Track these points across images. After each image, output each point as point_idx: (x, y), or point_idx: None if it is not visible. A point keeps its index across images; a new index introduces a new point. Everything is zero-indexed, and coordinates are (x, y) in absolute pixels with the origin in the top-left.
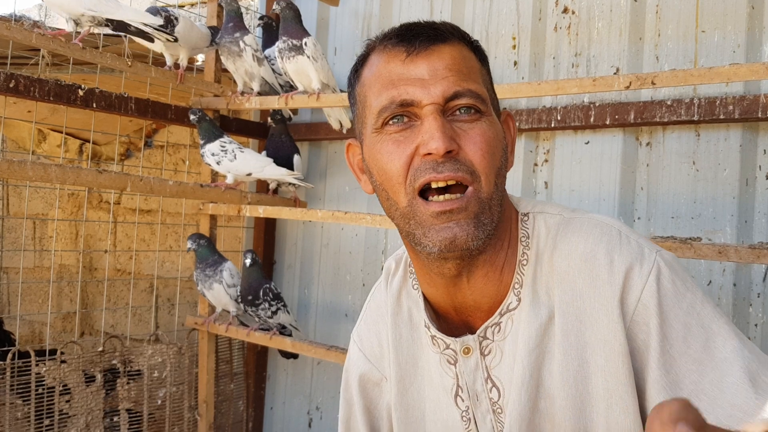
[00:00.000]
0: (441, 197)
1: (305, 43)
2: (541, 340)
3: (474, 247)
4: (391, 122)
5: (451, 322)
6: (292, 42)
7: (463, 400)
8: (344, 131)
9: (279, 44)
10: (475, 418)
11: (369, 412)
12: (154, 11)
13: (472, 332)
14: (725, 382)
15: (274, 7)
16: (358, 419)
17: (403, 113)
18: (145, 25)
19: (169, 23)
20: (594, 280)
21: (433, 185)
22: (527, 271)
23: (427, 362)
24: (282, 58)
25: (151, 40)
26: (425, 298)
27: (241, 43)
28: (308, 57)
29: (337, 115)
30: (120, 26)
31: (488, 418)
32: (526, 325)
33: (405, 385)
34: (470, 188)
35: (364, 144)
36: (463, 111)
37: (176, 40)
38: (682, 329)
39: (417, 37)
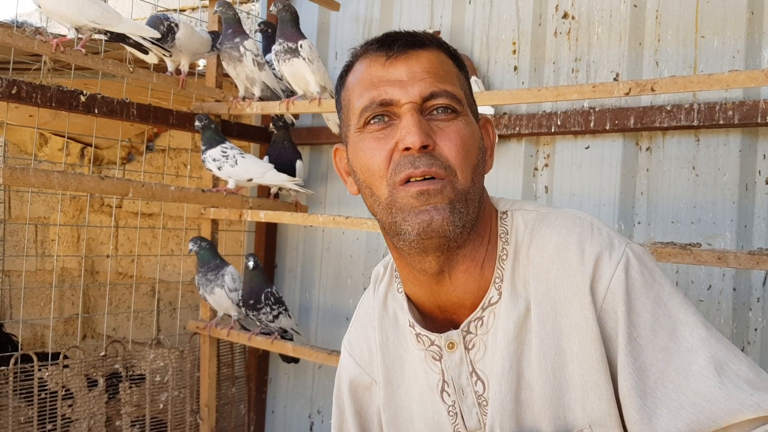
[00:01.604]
0: (419, 178)
1: (300, 46)
2: (519, 331)
3: (450, 232)
4: (372, 121)
5: (436, 320)
6: (287, 44)
7: (449, 395)
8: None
9: (275, 47)
10: (461, 412)
11: (360, 416)
12: (156, 20)
13: (456, 329)
14: (690, 370)
15: (271, 8)
16: (350, 424)
17: (384, 113)
18: (144, 38)
19: (170, 32)
20: (566, 270)
21: (412, 180)
22: (507, 265)
23: (412, 362)
24: (278, 61)
25: (145, 52)
26: (410, 300)
27: (241, 48)
28: (304, 59)
29: (336, 119)
30: (119, 37)
31: (474, 411)
32: (505, 318)
33: (393, 387)
34: (446, 179)
35: (348, 145)
36: (440, 111)
37: (171, 55)
38: (650, 318)
39: (396, 42)
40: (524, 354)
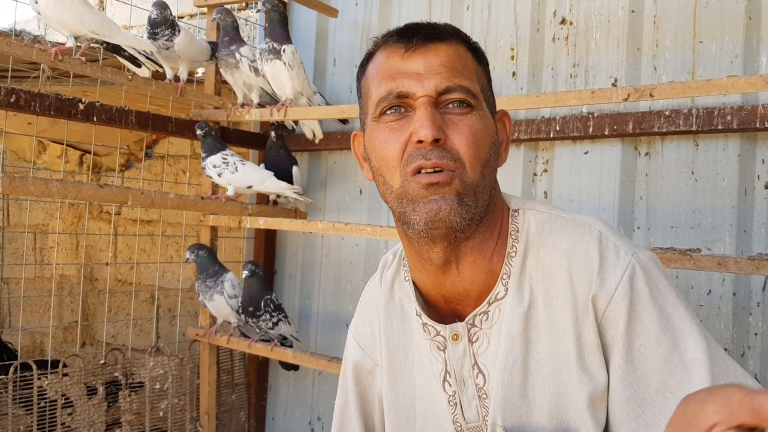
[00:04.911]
0: (430, 170)
1: (284, 50)
2: (523, 327)
3: (457, 224)
4: (388, 112)
5: (441, 311)
6: (273, 45)
7: (450, 385)
8: (317, 141)
9: (261, 45)
10: (461, 403)
11: (362, 399)
12: (162, 5)
13: (462, 321)
14: (692, 383)
15: (260, 7)
16: (352, 405)
17: (400, 104)
18: (138, 51)
19: (172, 26)
20: (572, 276)
21: (422, 171)
22: (515, 262)
23: (417, 350)
24: (261, 60)
25: (138, 65)
26: (417, 289)
27: (237, 54)
28: (284, 63)
29: (311, 125)
30: (114, 49)
31: (473, 404)
32: (510, 313)
33: (395, 372)
34: (455, 171)
35: (365, 132)
36: (455, 105)
37: (162, 69)
38: (655, 328)
39: (415, 34)
40: (530, 352)
